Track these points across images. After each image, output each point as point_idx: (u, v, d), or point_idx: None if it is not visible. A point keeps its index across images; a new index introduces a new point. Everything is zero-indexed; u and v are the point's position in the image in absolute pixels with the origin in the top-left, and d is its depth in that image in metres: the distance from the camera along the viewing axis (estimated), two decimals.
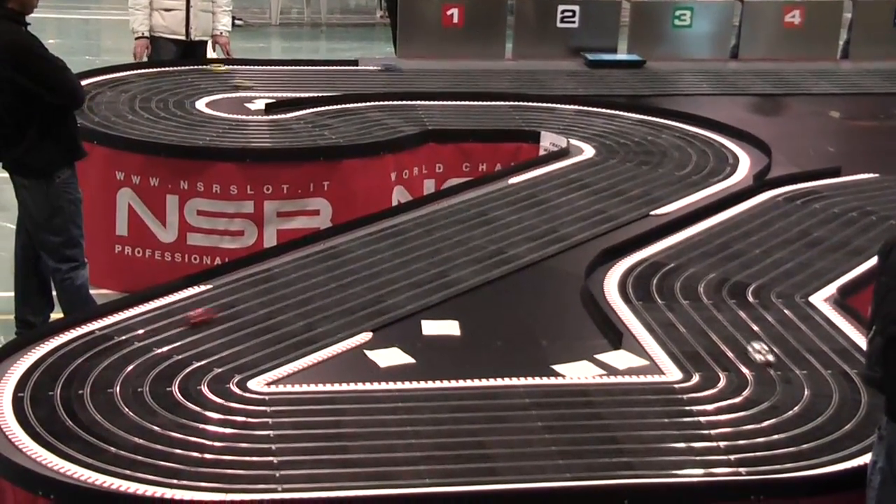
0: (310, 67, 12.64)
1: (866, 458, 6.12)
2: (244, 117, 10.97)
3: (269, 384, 6.60)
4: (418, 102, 11.41)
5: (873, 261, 8.50)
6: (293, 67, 12.64)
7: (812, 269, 8.45)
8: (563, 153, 10.39)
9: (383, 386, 6.61)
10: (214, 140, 10.38)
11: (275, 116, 11.00)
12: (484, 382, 6.69)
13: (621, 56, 13.48)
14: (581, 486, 5.82)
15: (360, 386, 6.60)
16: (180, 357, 6.78)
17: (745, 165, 10.48)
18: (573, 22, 13.44)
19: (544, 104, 11.65)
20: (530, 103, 11.63)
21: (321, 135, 10.62)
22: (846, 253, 8.76)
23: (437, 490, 5.69)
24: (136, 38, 12.39)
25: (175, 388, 6.48)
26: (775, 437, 6.36)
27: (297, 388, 6.56)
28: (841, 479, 6.08)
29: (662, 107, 11.89)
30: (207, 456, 5.90)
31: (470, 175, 10.33)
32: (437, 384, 6.66)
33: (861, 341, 7.34)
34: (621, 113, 11.58)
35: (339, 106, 11.29)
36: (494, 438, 6.16)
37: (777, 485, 5.98)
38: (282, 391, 6.53)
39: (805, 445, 6.30)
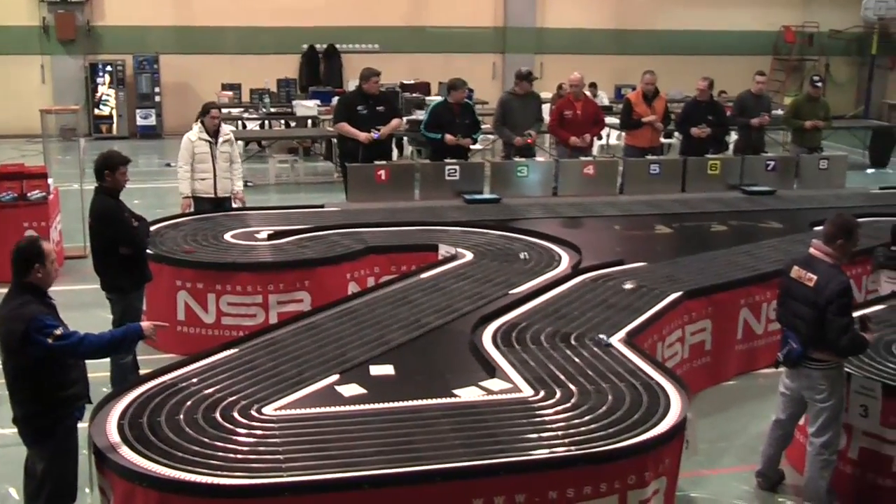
0: (294, 210, 12.55)
1: (646, 436, 6.23)
2: (255, 243, 10.88)
3: (276, 409, 6.56)
4: (362, 229, 11.35)
5: (648, 315, 8.63)
6: (284, 211, 12.55)
7: (610, 322, 8.45)
8: (453, 258, 10.35)
9: (349, 408, 6.61)
10: (237, 258, 10.28)
11: (274, 242, 10.92)
12: (411, 403, 6.69)
13: (486, 195, 13.46)
14: (476, 465, 5.85)
15: (333, 409, 6.60)
16: (219, 395, 6.74)
17: (566, 261, 10.47)
18: (455, 175, 13.42)
19: (440, 227, 11.62)
20: (431, 227, 11.59)
21: (303, 252, 10.54)
22: (629, 311, 8.75)
23: (387, 472, 5.73)
24: (183, 198, 12.33)
25: (217, 414, 6.44)
26: (592, 426, 6.42)
27: (294, 411, 6.54)
28: (631, 450, 6.17)
29: (513, 226, 11.86)
30: (239, 456, 5.89)
31: (397, 273, 10.27)
32: (382, 405, 6.65)
33: (644, 368, 7.43)
34: (488, 231, 11.55)
35: (313, 233, 11.22)
36: (420, 438, 6.17)
37: (594, 456, 6.03)
38: (285, 414, 6.50)
39: (611, 430, 6.35)
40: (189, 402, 6.59)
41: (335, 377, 7.14)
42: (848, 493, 7.71)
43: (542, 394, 6.87)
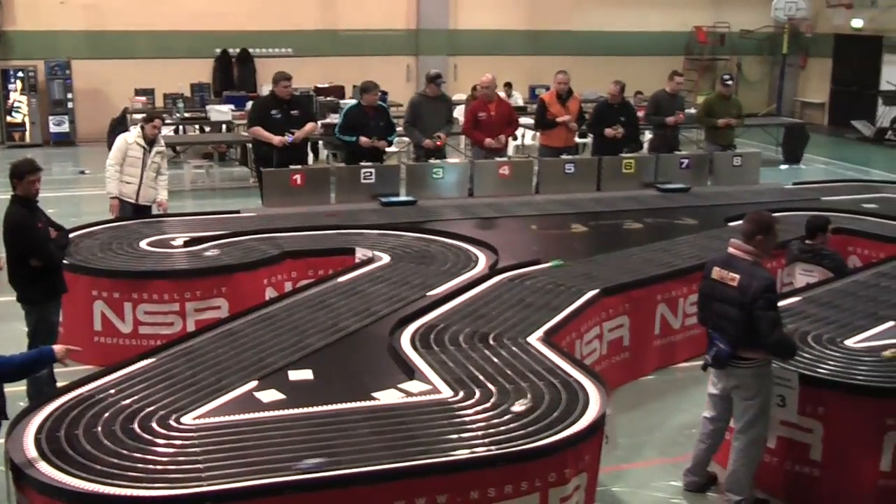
0: (210, 216, 12.45)
1: (565, 433, 6.27)
2: (171, 250, 10.78)
3: (195, 418, 6.49)
4: (278, 234, 11.30)
5: (565, 313, 8.69)
6: (200, 217, 12.43)
7: (528, 321, 8.49)
8: (370, 261, 10.34)
9: (267, 414, 6.55)
10: (153, 266, 10.18)
11: (191, 248, 10.82)
12: (330, 407, 6.65)
13: (402, 198, 13.47)
14: (396, 467, 5.84)
15: (252, 415, 6.54)
16: (137, 406, 6.64)
17: (483, 261, 10.52)
18: (371, 179, 13.41)
19: (357, 230, 11.59)
20: (348, 230, 11.56)
21: (220, 258, 10.46)
22: (548, 310, 8.80)
23: (308, 476, 5.69)
24: (111, 198, 12.22)
25: (135, 425, 6.36)
26: (512, 425, 6.44)
27: (213, 420, 6.47)
28: (551, 448, 6.20)
29: (430, 228, 11.88)
30: (158, 467, 5.83)
31: (314, 278, 10.23)
32: (302, 410, 6.60)
33: (562, 366, 7.48)
34: (404, 233, 11.56)
35: (230, 239, 11.13)
36: (340, 442, 6.13)
37: (513, 455, 6.06)
38: (204, 423, 6.43)
39: (530, 428, 6.37)
40: (107, 414, 6.49)
41: (254, 383, 7.08)
42: (767, 482, 7.83)
43: (461, 394, 6.88)
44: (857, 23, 29.07)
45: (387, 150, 14.84)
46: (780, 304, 9.16)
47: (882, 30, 28.88)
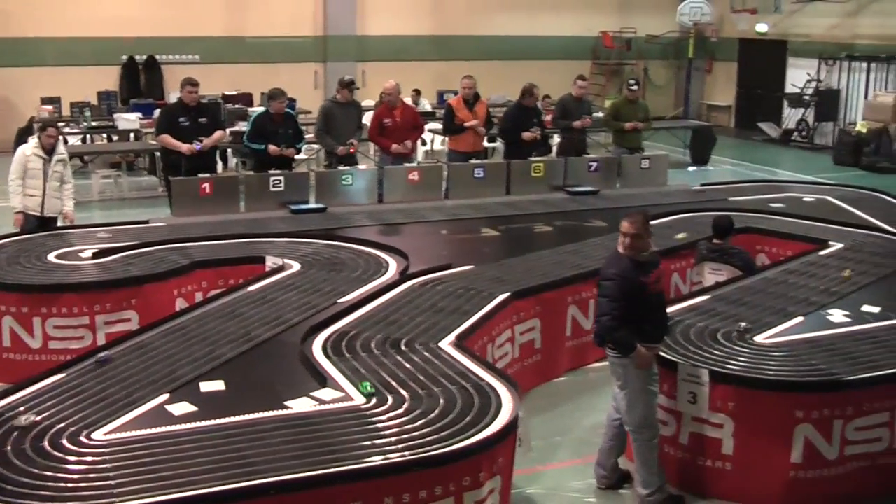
0: (118, 227, 12.28)
1: (478, 437, 6.26)
2: (80, 263, 10.62)
3: (106, 434, 6.41)
4: (188, 244, 11.19)
5: (477, 317, 8.73)
6: (108, 227, 12.25)
7: (439, 326, 8.52)
8: (280, 269, 10.29)
9: (180, 427, 6.49)
10: (62, 279, 10.03)
11: (100, 260, 10.68)
12: (243, 418, 6.60)
13: (312, 205, 13.41)
14: (310, 475, 5.82)
15: (164, 429, 6.47)
16: (47, 423, 6.54)
17: (394, 267, 10.52)
18: (281, 186, 13.35)
19: (267, 238, 11.53)
20: (258, 239, 11.49)
21: (129, 270, 10.33)
22: (459, 314, 8.84)
23: (221, 489, 5.64)
24: (15, 213, 12.02)
25: (45, 443, 6.26)
26: (425, 430, 6.45)
27: (124, 434, 6.38)
28: (464, 452, 6.23)
29: (340, 234, 11.86)
30: (70, 484, 5.75)
31: (224, 287, 10.15)
32: (213, 422, 6.54)
33: (475, 370, 7.51)
34: (315, 240, 11.51)
35: (139, 250, 11.00)
36: (253, 452, 6.09)
37: (427, 460, 6.08)
38: (115, 438, 6.33)
39: (444, 433, 6.40)
40: (16, 433, 6.37)
41: (165, 396, 7.00)
42: (681, 478, 7.95)
43: (374, 401, 6.89)
44: (761, 27, 29.55)
45: (296, 157, 14.79)
46: (691, 302, 9.42)
47: (786, 34, 29.41)
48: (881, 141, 24.10)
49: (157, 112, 18.92)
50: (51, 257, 10.77)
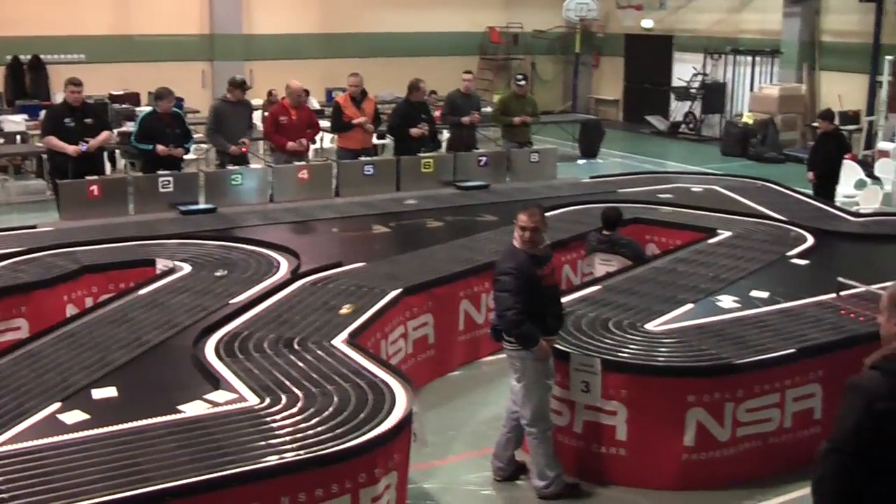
0: (5, 232, 11.98)
1: (373, 434, 6.26)
2: None
3: None
4: (77, 248, 10.99)
5: (369, 314, 8.72)
6: None
7: (332, 324, 8.49)
8: (171, 271, 10.17)
9: (72, 436, 6.36)
10: None
11: None
12: (135, 424, 6.49)
13: (202, 206, 13.27)
14: (204, 479, 5.75)
15: (56, 438, 6.33)
16: None
17: (285, 266, 10.45)
18: (170, 187, 13.19)
19: (157, 240, 11.37)
20: (148, 241, 11.33)
21: (18, 276, 10.10)
22: (352, 312, 8.80)
23: (114, 497, 5.53)
24: None
25: None
26: (320, 428, 6.43)
27: (14, 446, 6.23)
28: (359, 449, 6.23)
29: (231, 235, 11.76)
30: None
31: (115, 291, 9.98)
32: (107, 430, 6.42)
33: (368, 367, 7.50)
34: (205, 241, 11.38)
35: (26, 256, 10.77)
36: (146, 458, 6.00)
37: (323, 459, 6.06)
38: (5, 450, 6.16)
39: (338, 431, 6.38)
40: None
41: (57, 405, 6.85)
42: (576, 466, 8.07)
43: (267, 401, 6.84)
44: (647, 23, 30.01)
45: (184, 157, 14.65)
46: (582, 293, 9.52)
47: (671, 30, 29.91)
48: (767, 132, 24.67)
49: (42, 113, 18.60)
50: None
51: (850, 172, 17.57)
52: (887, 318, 4.62)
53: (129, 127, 18.24)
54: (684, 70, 29.10)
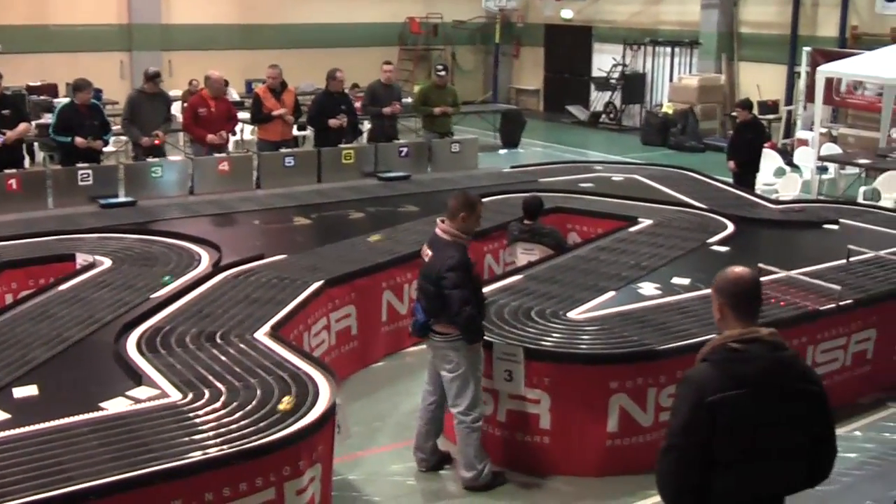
0: None
1: (296, 426, 6.25)
2: None
3: None
4: None
5: (291, 306, 8.69)
6: None
7: (254, 317, 8.44)
8: (91, 266, 10.05)
9: None
10: None
11: None
12: (57, 423, 6.40)
13: (122, 199, 13.10)
14: (127, 477, 5.70)
15: None
16: None
17: (206, 259, 10.38)
18: (89, 180, 13.03)
19: (76, 234, 11.24)
20: (68, 236, 11.19)
21: None
22: (273, 304, 8.79)
23: (36, 497, 5.44)
24: None
25: None
26: (243, 423, 6.40)
27: None
28: (282, 442, 6.21)
29: (151, 228, 11.64)
30: None
31: (35, 287, 9.84)
32: (28, 429, 6.32)
33: (291, 359, 7.48)
34: (125, 235, 11.26)
35: None
36: (68, 458, 5.92)
37: (246, 453, 6.03)
38: None
39: (262, 424, 6.38)
40: None
41: None
42: (501, 455, 8.11)
43: (190, 396, 6.79)
44: (566, 14, 30.15)
45: (104, 149, 14.48)
46: (504, 282, 9.57)
47: (590, 20, 30.12)
48: (687, 121, 24.96)
49: None
50: None
51: (769, 161, 17.88)
52: (714, 306, 4.79)
53: (48, 119, 18.00)
54: (604, 60, 29.31)
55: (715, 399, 4.45)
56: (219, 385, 6.98)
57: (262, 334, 8.04)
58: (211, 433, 6.24)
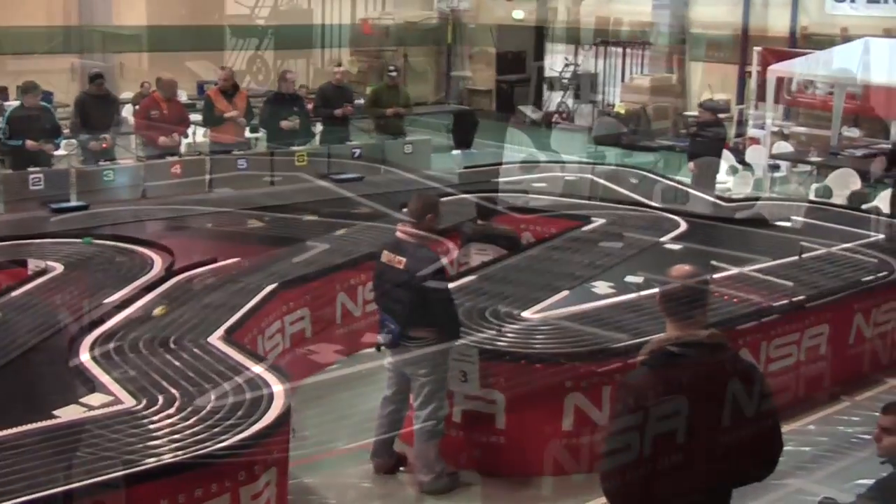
0: None
1: (251, 431, 6.24)
2: None
3: None
4: None
5: (245, 310, 8.65)
6: None
7: (208, 321, 8.39)
8: (43, 272, 9.94)
9: None
10: None
11: None
12: (9, 432, 6.28)
13: (73, 203, 13.00)
14: (79, 486, 5.62)
15: None
16: None
17: (159, 263, 10.29)
18: (40, 185, 12.95)
19: (28, 240, 11.10)
20: (18, 241, 11.04)
21: None
22: (227, 308, 8.74)
23: None
24: None
25: None
26: (197, 428, 6.36)
27: None
28: (237, 447, 6.18)
29: (103, 233, 11.49)
30: None
31: None
32: None
33: (245, 363, 7.43)
34: (77, 240, 11.11)
35: None
36: (19, 468, 5.82)
37: (201, 459, 6.01)
38: None
39: (216, 429, 6.35)
40: None
41: None
42: (455, 456, 8.11)
43: (144, 402, 6.74)
44: (518, 14, 30.17)
45: (55, 153, 14.37)
46: (458, 283, 9.59)
47: (542, 20, 30.08)
48: (639, 121, 25.06)
49: None
50: None
51: (722, 160, 17.95)
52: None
53: None
54: (556, 61, 29.34)
55: (653, 402, 4.45)
56: (173, 391, 6.92)
57: (215, 339, 7.99)
58: (165, 439, 6.20)
